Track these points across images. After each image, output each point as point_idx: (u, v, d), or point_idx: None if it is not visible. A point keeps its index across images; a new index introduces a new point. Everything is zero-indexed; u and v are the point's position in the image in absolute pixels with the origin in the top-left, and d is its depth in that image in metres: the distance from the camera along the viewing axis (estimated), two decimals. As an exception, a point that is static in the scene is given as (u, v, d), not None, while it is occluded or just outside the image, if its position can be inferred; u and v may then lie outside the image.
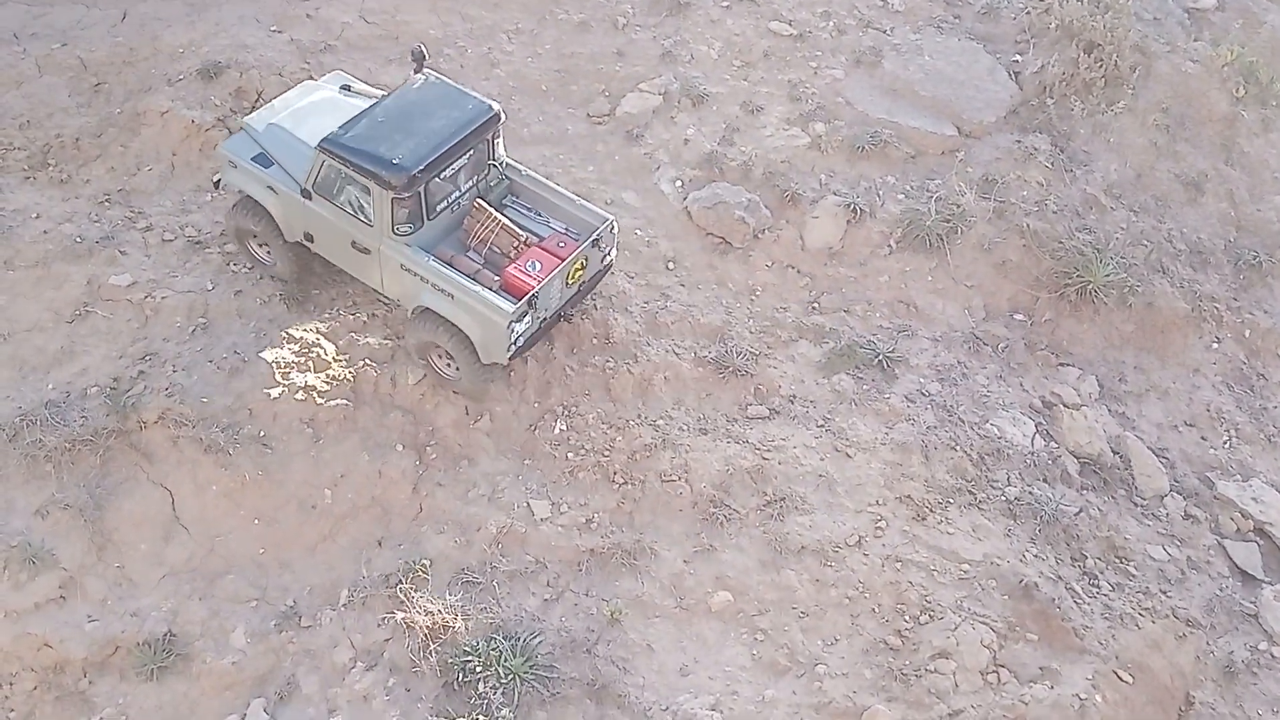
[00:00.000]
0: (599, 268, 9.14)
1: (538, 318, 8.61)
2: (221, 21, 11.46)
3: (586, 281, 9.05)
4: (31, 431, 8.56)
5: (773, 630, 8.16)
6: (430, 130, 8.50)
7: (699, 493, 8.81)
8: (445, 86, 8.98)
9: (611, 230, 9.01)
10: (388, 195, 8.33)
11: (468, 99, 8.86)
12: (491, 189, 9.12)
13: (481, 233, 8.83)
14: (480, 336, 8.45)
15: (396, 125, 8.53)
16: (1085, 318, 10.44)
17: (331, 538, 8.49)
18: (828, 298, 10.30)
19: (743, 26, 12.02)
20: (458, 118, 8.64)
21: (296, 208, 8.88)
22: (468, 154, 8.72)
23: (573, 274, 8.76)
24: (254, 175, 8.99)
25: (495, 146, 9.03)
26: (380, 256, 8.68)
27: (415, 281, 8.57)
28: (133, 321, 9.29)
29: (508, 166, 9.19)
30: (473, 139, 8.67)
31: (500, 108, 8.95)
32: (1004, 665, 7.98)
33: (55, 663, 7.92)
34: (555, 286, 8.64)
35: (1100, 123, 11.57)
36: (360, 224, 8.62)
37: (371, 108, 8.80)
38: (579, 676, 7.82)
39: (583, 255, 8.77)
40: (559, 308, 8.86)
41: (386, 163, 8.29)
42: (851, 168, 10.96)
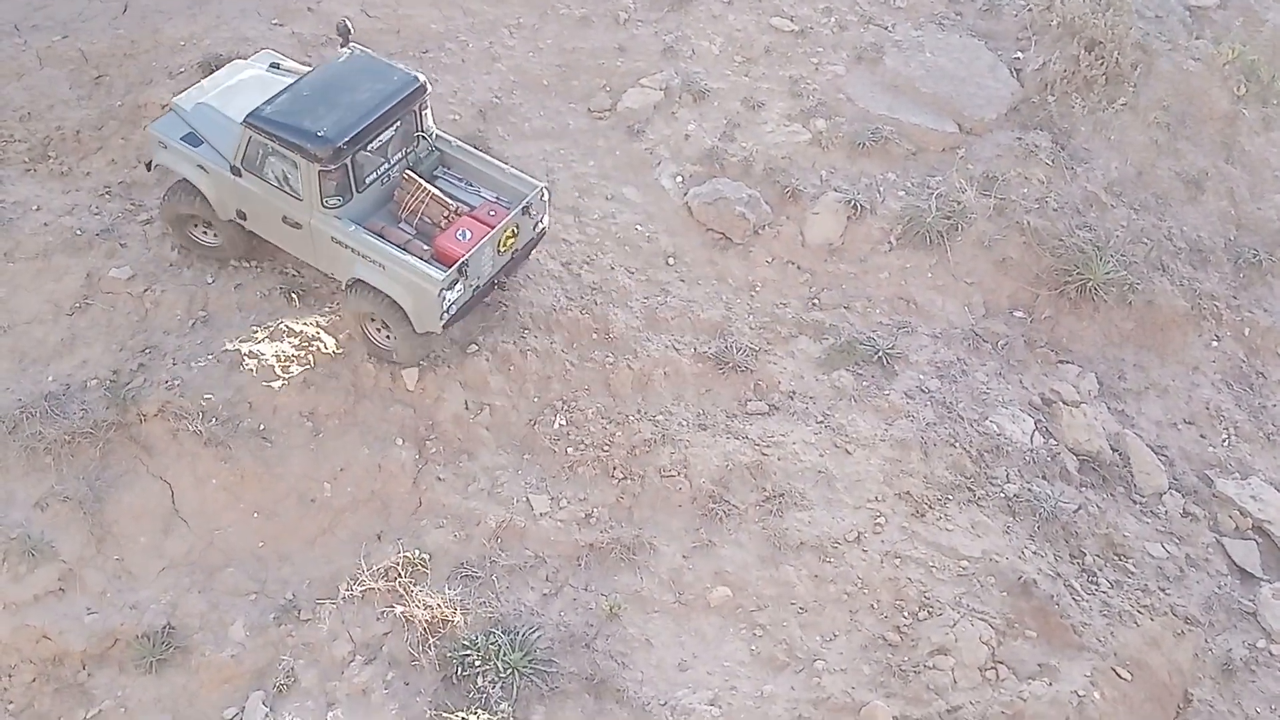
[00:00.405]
0: (532, 235, 9.21)
1: (470, 285, 8.69)
2: (223, 14, 11.44)
3: (520, 249, 9.12)
4: (31, 424, 8.56)
5: (771, 626, 8.17)
6: (355, 102, 8.54)
7: (698, 488, 8.82)
8: (370, 59, 9.02)
9: (543, 197, 9.07)
10: (314, 168, 8.37)
11: (393, 71, 8.89)
12: (422, 160, 9.16)
13: (412, 204, 8.88)
14: (413, 306, 8.52)
15: (321, 98, 8.55)
16: (1085, 315, 10.44)
17: (331, 531, 8.49)
18: (828, 294, 10.30)
19: (744, 22, 12.01)
20: (383, 89, 8.67)
21: (228, 186, 8.91)
22: (395, 126, 8.75)
23: (504, 242, 8.83)
24: (184, 155, 8.99)
25: (424, 118, 9.05)
26: (311, 230, 8.71)
27: (347, 254, 8.63)
28: (133, 314, 9.29)
29: (438, 138, 9.23)
30: (399, 110, 8.70)
31: (426, 79, 8.97)
32: (1002, 662, 7.99)
33: (54, 655, 7.92)
34: (487, 254, 8.71)
35: (1101, 120, 11.57)
36: (290, 198, 8.66)
37: (296, 82, 8.82)
38: (578, 671, 7.82)
39: (514, 223, 8.84)
40: (493, 275, 8.94)
41: (311, 135, 8.32)
42: (852, 164, 10.95)
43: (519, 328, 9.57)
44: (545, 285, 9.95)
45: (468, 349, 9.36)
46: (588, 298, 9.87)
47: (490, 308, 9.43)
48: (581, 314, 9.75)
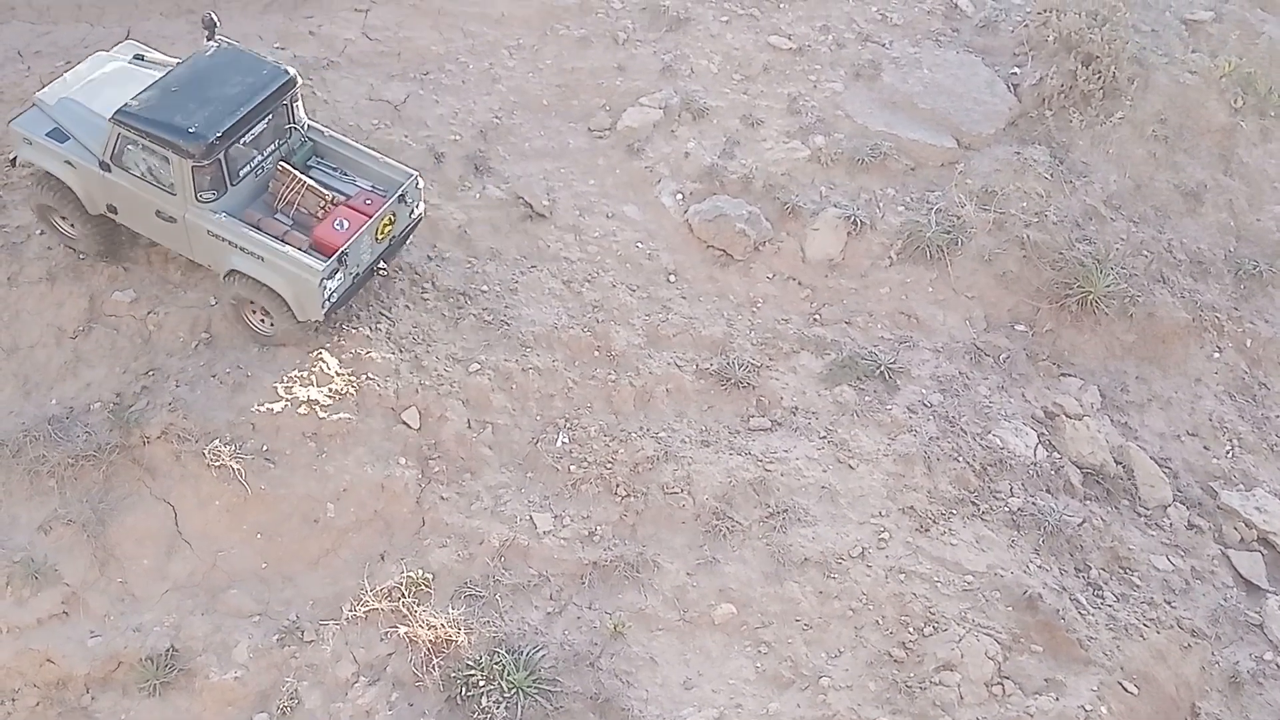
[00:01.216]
0: (409, 222, 9.36)
1: (350, 274, 8.82)
2: (225, 38, 11.52)
3: (397, 236, 9.27)
4: (35, 447, 8.57)
5: (776, 643, 8.14)
6: (225, 97, 8.61)
7: (701, 505, 8.81)
8: (238, 52, 9.10)
9: (417, 185, 9.23)
10: (187, 164, 8.44)
11: (262, 64, 8.99)
12: (295, 152, 9.27)
13: (288, 195, 8.99)
14: (294, 296, 8.63)
15: (190, 93, 8.63)
16: (1086, 328, 10.45)
17: (334, 551, 8.49)
18: (829, 309, 10.32)
19: (742, 41, 12.09)
20: (252, 83, 8.76)
21: (96, 181, 8.93)
22: (266, 119, 8.83)
23: (381, 229, 8.98)
24: (50, 151, 9.00)
25: (295, 110, 9.16)
26: (186, 224, 8.78)
27: (223, 246, 8.71)
28: (136, 337, 9.32)
29: (310, 129, 9.35)
30: (270, 103, 8.79)
31: (296, 72, 9.10)
32: (1009, 677, 7.96)
33: (58, 679, 7.91)
34: (365, 242, 8.85)
35: (1099, 134, 11.62)
36: (163, 193, 8.71)
37: (164, 77, 8.88)
38: (582, 690, 7.79)
39: (390, 211, 8.98)
40: (371, 263, 9.08)
41: (183, 131, 8.39)
42: (851, 180, 10.99)
43: (520, 345, 9.60)
44: (547, 303, 9.98)
45: (470, 368, 9.39)
46: (589, 315, 9.90)
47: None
48: (583, 331, 9.77)
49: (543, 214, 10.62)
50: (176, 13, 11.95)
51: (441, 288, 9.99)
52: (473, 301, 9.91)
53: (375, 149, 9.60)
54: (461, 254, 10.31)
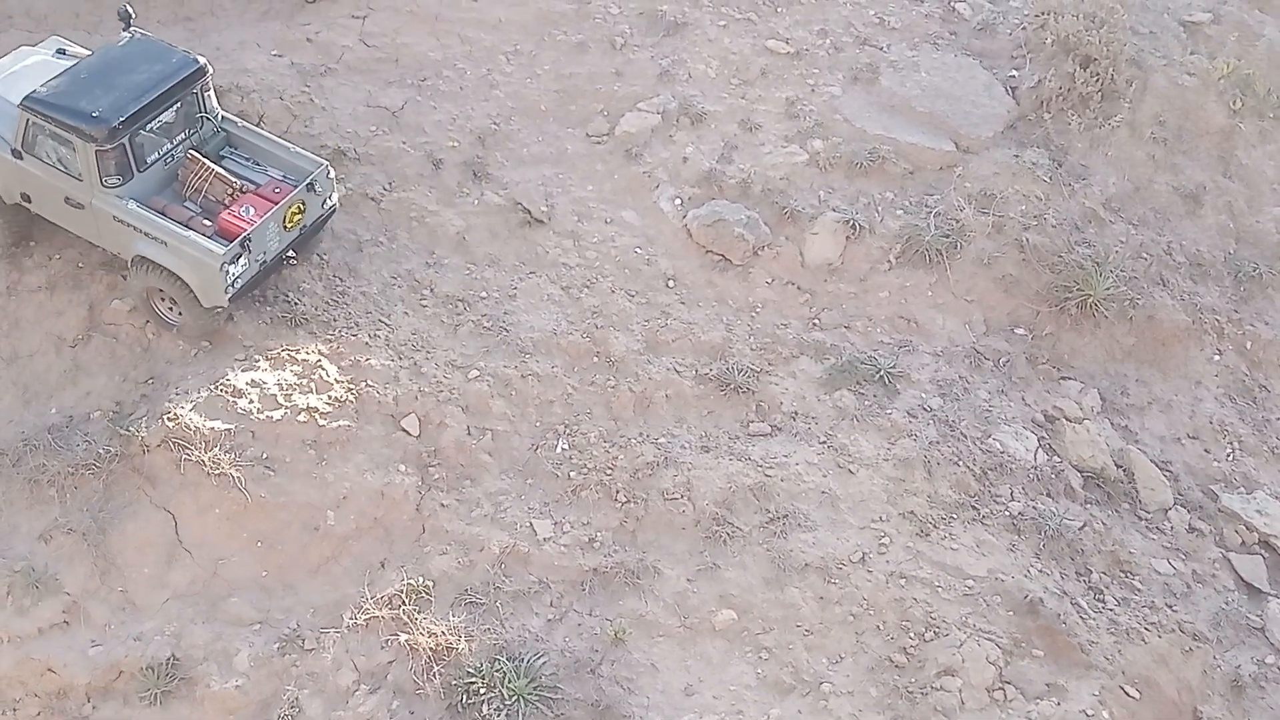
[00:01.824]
0: (321, 213, 9.44)
1: (255, 260, 8.91)
2: (222, 46, 11.54)
3: (308, 226, 9.35)
4: (35, 456, 8.58)
5: (777, 649, 8.13)
6: (132, 84, 8.78)
7: (702, 511, 8.80)
8: (150, 43, 9.29)
9: (328, 175, 9.33)
10: (91, 148, 8.57)
11: (172, 53, 9.16)
12: (207, 141, 9.38)
13: (196, 182, 9.12)
14: (198, 281, 8.73)
15: (98, 80, 8.79)
16: (1086, 331, 10.45)
17: (334, 559, 8.48)
18: (828, 314, 10.31)
19: (740, 45, 12.10)
20: (160, 71, 8.93)
21: (10, 169, 9.06)
22: (173, 106, 8.98)
23: (290, 218, 9.06)
24: None
25: (206, 100, 9.29)
26: (93, 210, 8.89)
27: (129, 232, 8.82)
28: (135, 346, 9.32)
29: (224, 119, 9.47)
30: (177, 91, 8.94)
31: (206, 61, 9.25)
32: (1010, 682, 7.95)
33: (59, 688, 7.90)
34: (271, 230, 8.94)
35: (1097, 136, 11.61)
36: (71, 179, 8.84)
37: (74, 65, 9.07)
38: (583, 697, 7.79)
39: (299, 200, 9.07)
40: (280, 251, 9.16)
41: (87, 116, 8.54)
42: (850, 184, 10.99)
43: (520, 352, 9.60)
44: (545, 309, 9.99)
45: (469, 374, 9.39)
46: (588, 321, 9.90)
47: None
48: (582, 337, 9.77)
49: (541, 220, 10.63)
50: (174, 20, 11.98)
51: (440, 294, 9.99)
52: (471, 308, 9.92)
53: (287, 140, 9.80)
54: (460, 260, 10.32)
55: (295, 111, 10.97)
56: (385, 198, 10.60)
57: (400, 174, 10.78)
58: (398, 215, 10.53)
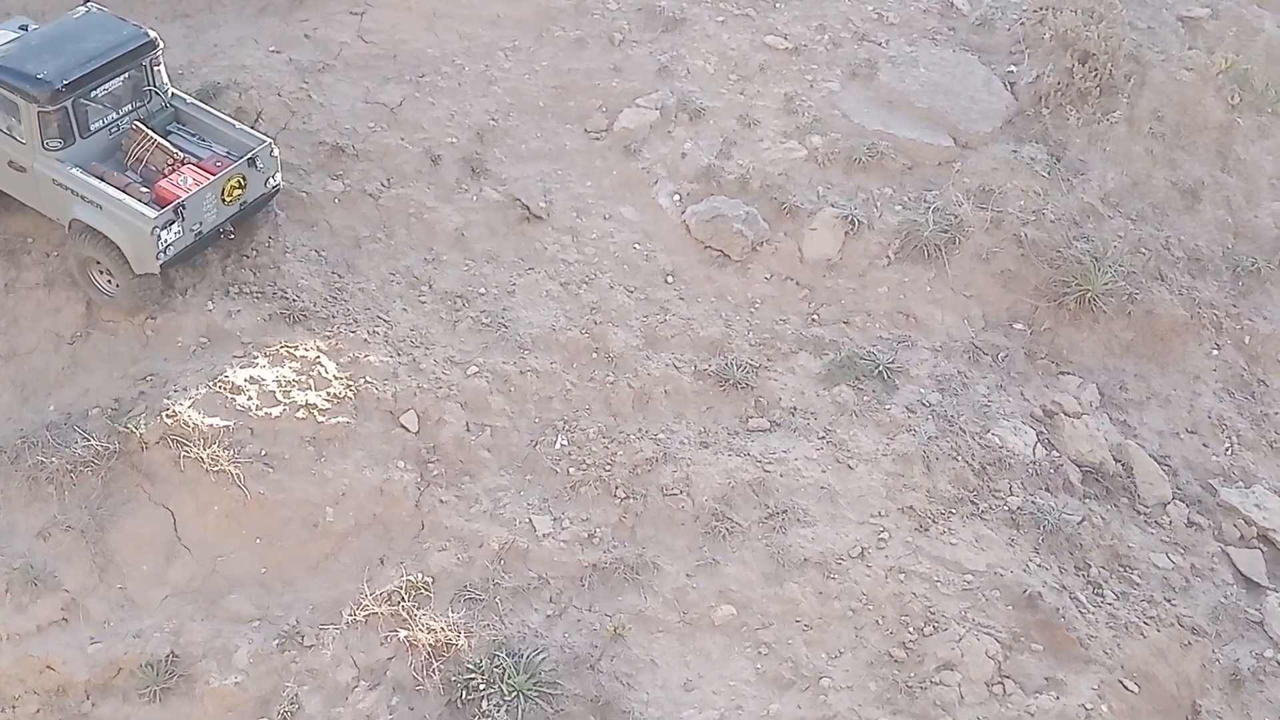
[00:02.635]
0: (264, 190, 9.60)
1: (191, 229, 9.07)
2: (220, 43, 11.52)
3: (249, 203, 9.50)
4: (33, 453, 8.57)
5: (777, 644, 8.14)
6: (80, 51, 9.06)
7: (701, 506, 8.81)
8: (104, 16, 9.56)
9: (271, 153, 9.49)
10: (33, 109, 8.80)
11: (124, 26, 9.44)
12: (154, 115, 9.61)
13: (138, 152, 9.34)
14: (131, 246, 8.87)
15: (48, 47, 9.07)
16: (1085, 326, 10.45)
17: (333, 556, 8.48)
18: (827, 309, 10.32)
19: (738, 41, 12.09)
20: (110, 41, 9.19)
21: None
22: (121, 76, 9.22)
23: (229, 191, 9.24)
24: None
25: (156, 74, 9.54)
26: (34, 173, 9.07)
27: (67, 195, 9.00)
28: (133, 342, 9.32)
29: (174, 96, 9.72)
30: (124, 62, 9.18)
31: (157, 35, 9.46)
32: (1009, 676, 7.96)
33: (58, 685, 7.90)
34: (208, 201, 9.10)
35: (1096, 132, 11.61)
36: (14, 142, 9.06)
37: (28, 34, 9.36)
38: (583, 693, 7.79)
39: (238, 174, 9.25)
40: (217, 224, 9.25)
41: (31, 78, 8.79)
42: (849, 179, 10.99)
43: (518, 348, 9.60)
44: (544, 305, 9.98)
45: (468, 370, 9.38)
46: (587, 317, 9.90)
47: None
48: (581, 333, 9.77)
49: (540, 216, 10.62)
50: (171, 17, 11.96)
51: (439, 290, 9.99)
52: (470, 304, 9.91)
53: (235, 118, 9.93)
54: (459, 256, 10.31)
55: (293, 108, 10.96)
56: (384, 194, 10.59)
57: (398, 170, 10.77)
58: (396, 212, 10.52)
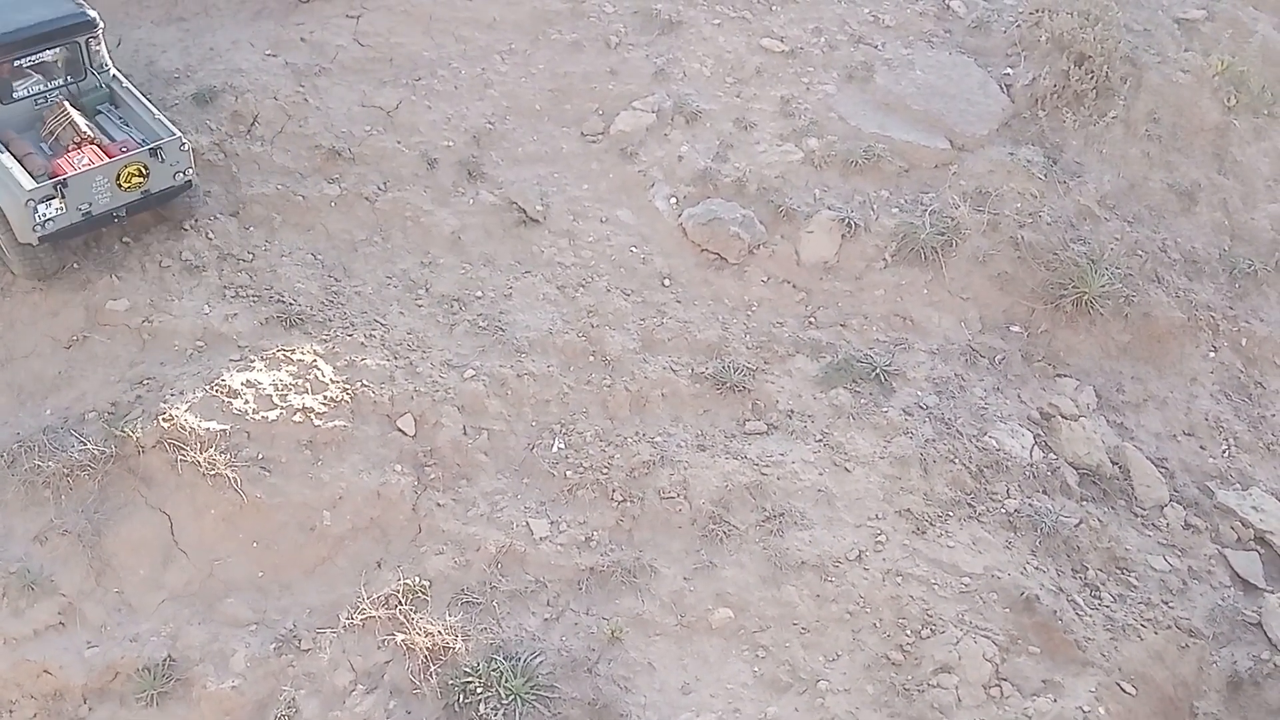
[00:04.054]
0: (172, 184, 9.60)
1: (78, 209, 9.15)
2: (216, 47, 11.53)
3: (154, 194, 9.49)
4: (29, 458, 8.55)
5: (774, 647, 8.14)
6: (13, 20, 9.29)
7: (698, 509, 8.81)
8: None
9: (180, 147, 9.51)
10: None
11: (65, 4, 9.61)
12: (86, 94, 9.76)
13: (53, 125, 9.50)
14: (13, 214, 9.04)
15: None
16: (1081, 328, 10.46)
17: (330, 559, 8.48)
18: (824, 312, 10.32)
19: (734, 44, 12.10)
20: (44, 14, 9.39)
21: None
22: (51, 50, 9.39)
23: (127, 178, 9.27)
24: None
25: (94, 54, 9.69)
26: None
27: None
28: (130, 346, 9.31)
29: (113, 78, 9.83)
30: (56, 36, 9.38)
31: (96, 15, 9.58)
32: (1006, 679, 7.96)
33: (55, 690, 7.88)
34: (101, 184, 9.17)
35: (1092, 134, 11.63)
36: None
37: None
38: (580, 696, 7.79)
39: (139, 163, 9.26)
40: (111, 208, 9.30)
41: None
42: (845, 182, 11.00)
43: (515, 351, 9.60)
44: (541, 309, 9.99)
45: (464, 374, 9.38)
46: (584, 320, 9.90)
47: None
48: (578, 337, 9.77)
49: (536, 219, 10.63)
50: (167, 20, 11.96)
51: (435, 294, 9.99)
52: (467, 308, 9.92)
53: (161, 110, 10.01)
54: (455, 260, 10.31)
55: (289, 111, 10.97)
56: (380, 197, 10.60)
57: (395, 174, 10.77)
58: (392, 215, 10.53)
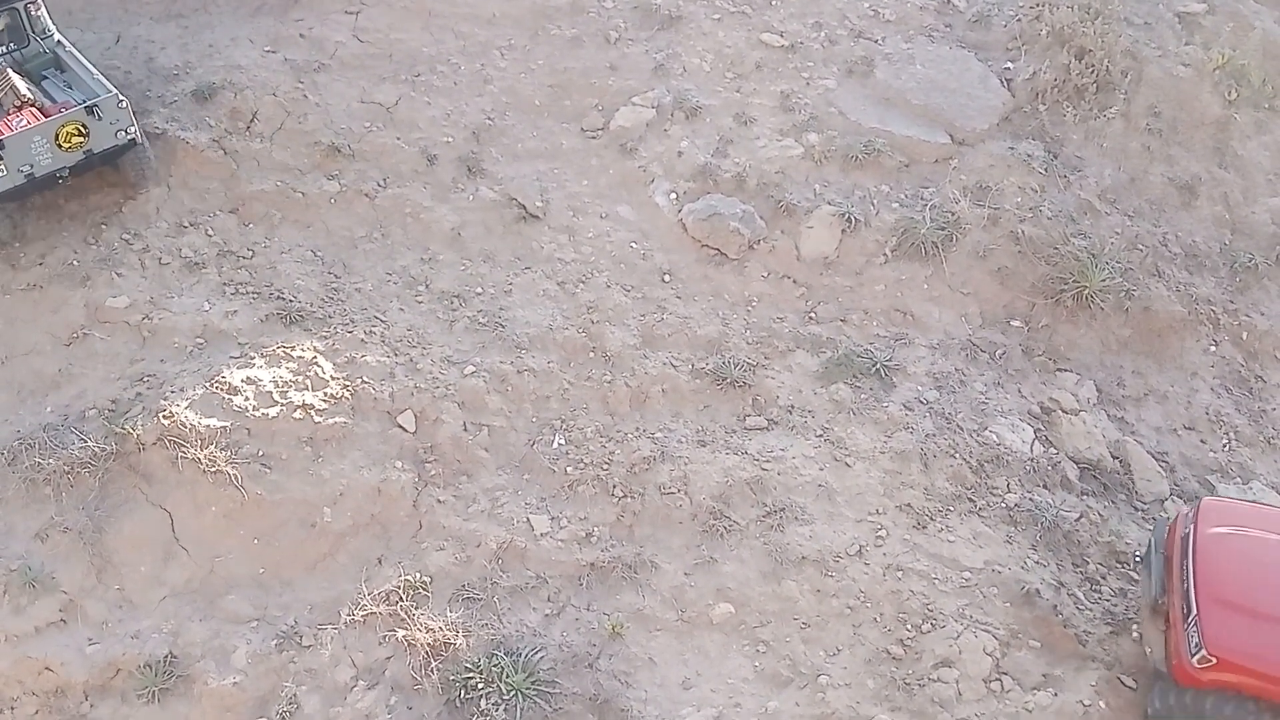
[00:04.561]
0: (115, 142, 9.69)
1: (19, 169, 9.32)
2: (215, 43, 11.51)
3: (96, 153, 9.63)
4: (30, 455, 8.56)
5: (775, 641, 8.14)
6: None
7: (699, 505, 8.81)
8: None
9: (118, 104, 9.60)
10: None
11: None
12: (30, 59, 10.11)
13: None
14: None
15: None
16: (1082, 323, 10.45)
17: (331, 556, 8.48)
18: (824, 307, 10.31)
19: (734, 39, 12.08)
20: None
21: None
22: None
23: (66, 138, 9.40)
24: None
25: (35, 21, 10.07)
26: None
27: None
28: (130, 343, 9.31)
29: (58, 44, 10.15)
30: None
31: None
32: (1007, 673, 7.96)
33: (56, 686, 7.90)
34: (40, 145, 9.31)
35: (1093, 128, 11.61)
36: None
37: None
38: (581, 692, 7.80)
39: (76, 121, 9.37)
40: (53, 169, 9.48)
41: None
42: (845, 177, 10.99)
43: (515, 347, 9.60)
44: (541, 305, 9.98)
45: (465, 370, 9.38)
46: (584, 316, 9.90)
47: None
48: (578, 333, 9.77)
49: (536, 215, 10.62)
50: (166, 17, 11.95)
51: (435, 290, 9.99)
52: (467, 304, 9.91)
53: (104, 74, 10.11)
54: (455, 256, 10.31)
55: (289, 108, 10.96)
56: (380, 194, 10.59)
57: (394, 170, 10.76)
58: (392, 211, 10.52)
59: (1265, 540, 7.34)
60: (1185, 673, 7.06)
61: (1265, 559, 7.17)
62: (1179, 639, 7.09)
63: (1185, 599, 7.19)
